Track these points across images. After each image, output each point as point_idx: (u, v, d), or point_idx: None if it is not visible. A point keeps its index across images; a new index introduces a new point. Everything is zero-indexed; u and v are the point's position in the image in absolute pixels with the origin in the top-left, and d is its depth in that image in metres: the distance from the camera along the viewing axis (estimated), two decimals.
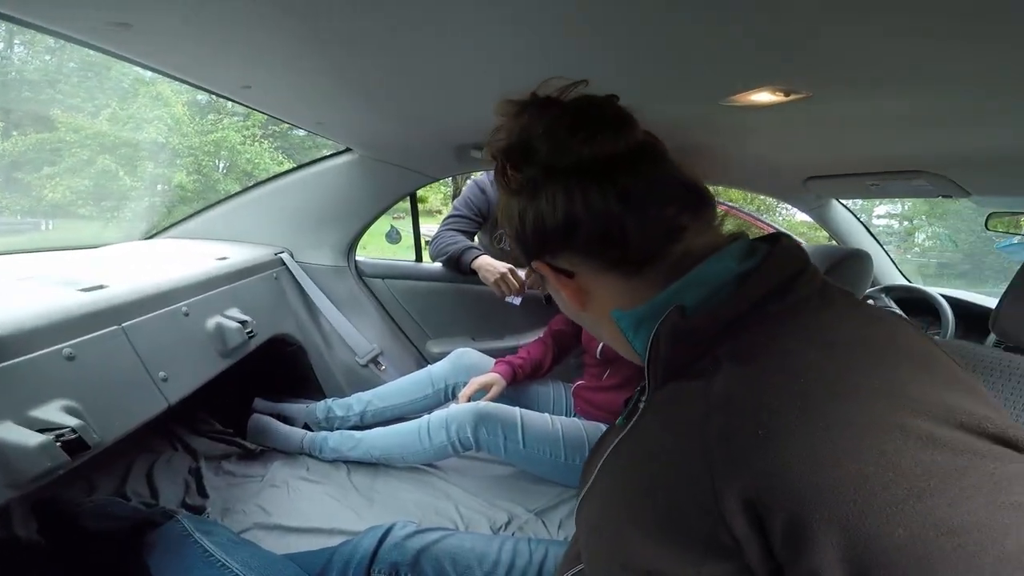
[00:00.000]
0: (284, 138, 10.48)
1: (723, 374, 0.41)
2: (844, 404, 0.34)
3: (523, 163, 0.51)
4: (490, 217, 2.15)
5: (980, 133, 1.00)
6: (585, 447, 1.37)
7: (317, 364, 1.84)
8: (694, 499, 0.38)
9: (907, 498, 0.30)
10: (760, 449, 0.35)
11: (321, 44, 0.79)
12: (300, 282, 1.81)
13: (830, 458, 0.32)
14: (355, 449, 1.47)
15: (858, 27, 0.61)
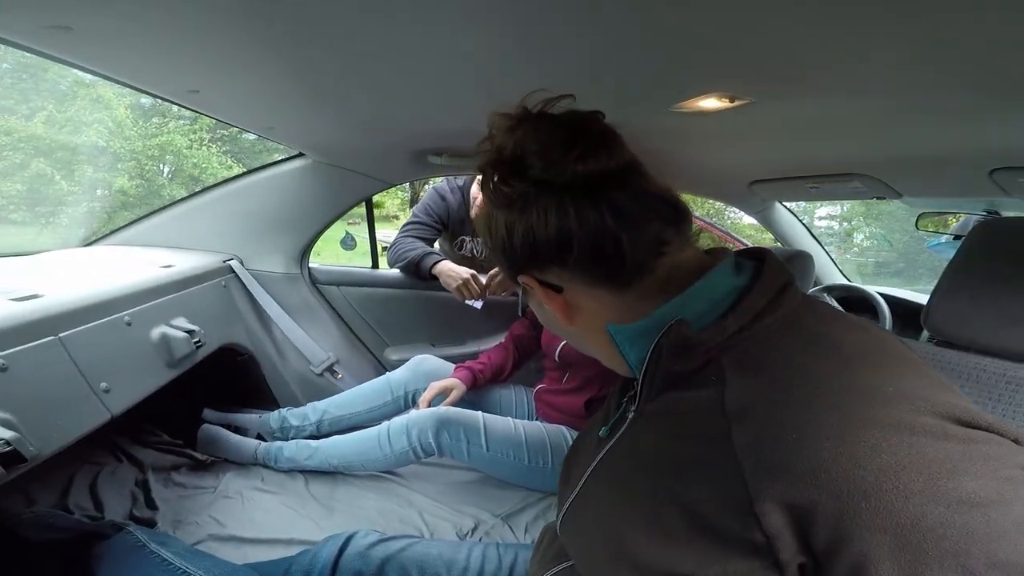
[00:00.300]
0: (234, 142, 10.17)
1: (734, 385, 0.43)
2: (870, 408, 0.38)
3: (515, 177, 0.52)
4: (450, 224, 2.16)
5: (907, 137, 1.06)
6: (548, 450, 1.38)
7: (270, 373, 1.80)
8: (724, 504, 0.39)
9: (938, 478, 0.34)
10: (796, 453, 0.37)
11: (273, 48, 0.78)
12: (251, 290, 1.77)
13: (867, 454, 0.35)
14: (312, 458, 1.44)
15: (794, 35, 0.64)
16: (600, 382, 1.39)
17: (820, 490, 0.35)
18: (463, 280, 1.83)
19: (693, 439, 0.44)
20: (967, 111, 0.86)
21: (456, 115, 1.21)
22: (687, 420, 0.46)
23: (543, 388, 1.57)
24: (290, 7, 0.63)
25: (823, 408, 0.38)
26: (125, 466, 1.41)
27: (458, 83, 0.94)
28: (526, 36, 0.72)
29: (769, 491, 0.37)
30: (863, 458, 0.35)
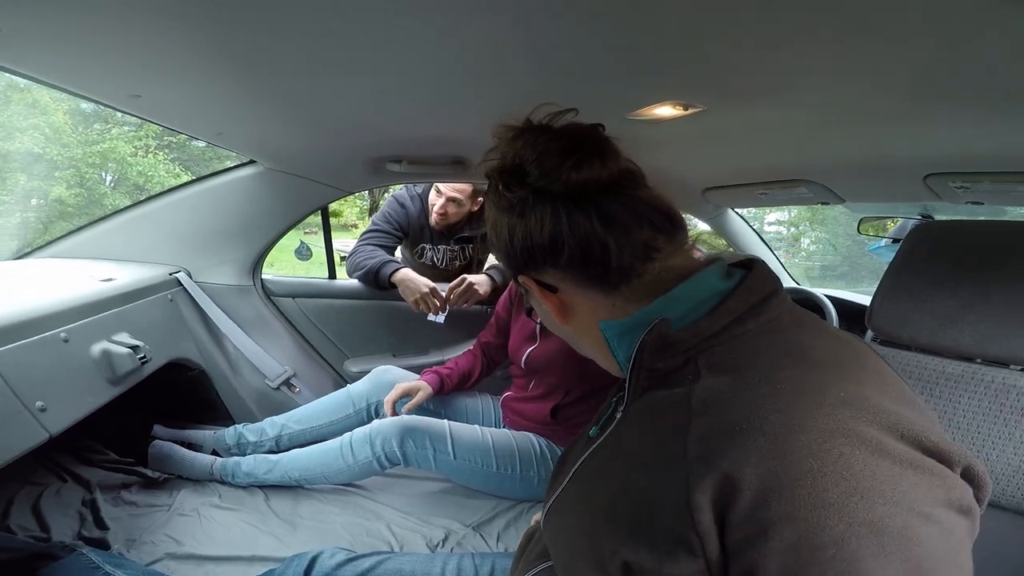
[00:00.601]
0: (182, 149, 9.82)
1: (703, 382, 0.45)
2: (813, 410, 0.39)
3: (515, 184, 0.55)
4: (410, 232, 2.13)
5: (848, 144, 1.11)
6: (516, 456, 1.37)
7: (223, 389, 1.73)
8: (670, 499, 0.40)
9: (852, 495, 0.35)
10: (736, 444, 0.38)
11: (220, 52, 0.75)
12: (200, 303, 1.70)
13: (796, 453, 0.37)
14: (271, 472, 1.39)
15: (742, 46, 0.66)
16: (564, 389, 1.39)
17: (745, 482, 0.37)
18: (421, 294, 1.81)
19: (663, 434, 0.45)
20: (902, 119, 0.91)
21: (414, 123, 1.20)
22: (661, 417, 0.47)
23: (510, 396, 1.56)
24: (236, 11, 0.61)
25: (771, 409, 0.39)
26: (70, 485, 1.35)
27: (416, 90, 0.93)
28: (482, 46, 0.71)
29: (703, 482, 0.38)
30: (792, 456, 0.37)
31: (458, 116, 1.14)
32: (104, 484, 1.37)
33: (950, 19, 0.54)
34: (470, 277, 1.88)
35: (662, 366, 0.50)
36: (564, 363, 1.36)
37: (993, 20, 0.52)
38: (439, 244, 2.17)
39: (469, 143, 1.42)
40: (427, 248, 2.17)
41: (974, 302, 0.85)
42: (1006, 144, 0.98)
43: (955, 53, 0.62)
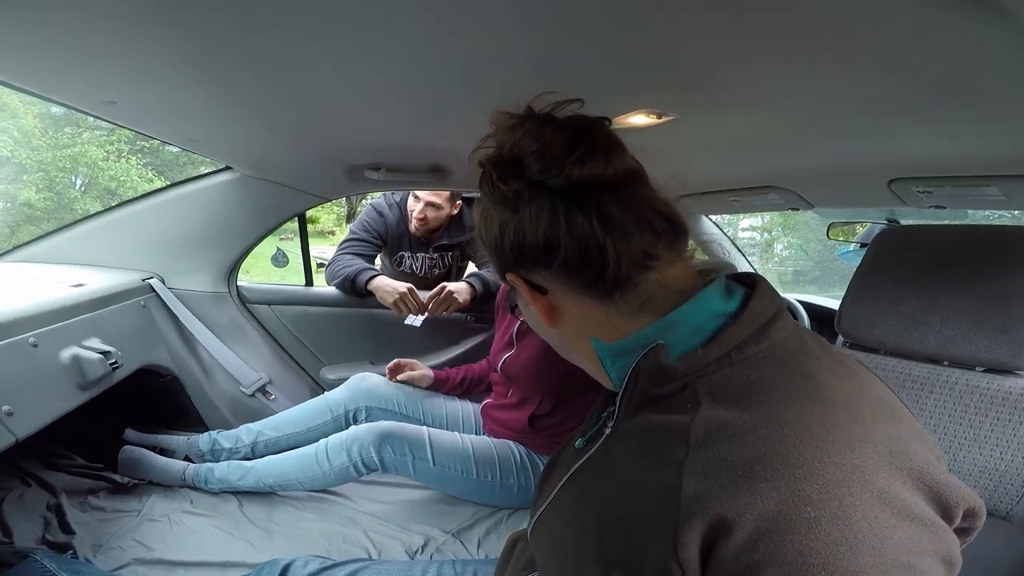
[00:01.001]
0: (156, 154, 9.65)
1: (704, 414, 0.43)
2: (822, 459, 0.38)
3: (511, 176, 0.51)
4: (389, 240, 2.13)
5: (817, 150, 1.13)
6: (496, 464, 1.37)
7: (196, 395, 1.71)
8: (657, 530, 0.39)
9: (841, 545, 0.35)
10: (736, 489, 0.37)
11: (195, 59, 0.75)
12: (173, 310, 1.67)
13: (796, 503, 0.36)
14: (245, 478, 1.37)
15: (712, 56, 0.68)
16: (540, 398, 1.39)
17: (741, 526, 0.36)
18: (399, 295, 1.81)
19: (653, 460, 0.44)
20: (867, 126, 0.93)
21: (392, 130, 1.20)
22: (654, 442, 0.45)
23: (489, 403, 1.56)
24: (211, 17, 0.61)
25: (776, 455, 0.38)
26: (34, 490, 1.33)
27: (393, 98, 0.94)
28: (459, 55, 0.72)
29: (694, 520, 0.38)
30: (790, 507, 0.36)
31: (436, 124, 1.14)
32: (70, 489, 1.35)
33: (907, 29, 0.55)
34: (449, 285, 1.89)
35: (656, 392, 0.48)
36: (540, 371, 1.35)
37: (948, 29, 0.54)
38: (418, 252, 2.17)
39: (448, 151, 1.43)
40: (406, 256, 2.17)
41: (938, 304, 0.87)
42: (964, 149, 1.01)
43: (914, 61, 0.64)
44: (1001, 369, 0.78)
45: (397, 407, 1.58)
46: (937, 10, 0.49)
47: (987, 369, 0.79)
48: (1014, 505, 0.72)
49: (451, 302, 1.87)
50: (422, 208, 2.02)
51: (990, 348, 0.76)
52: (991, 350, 0.76)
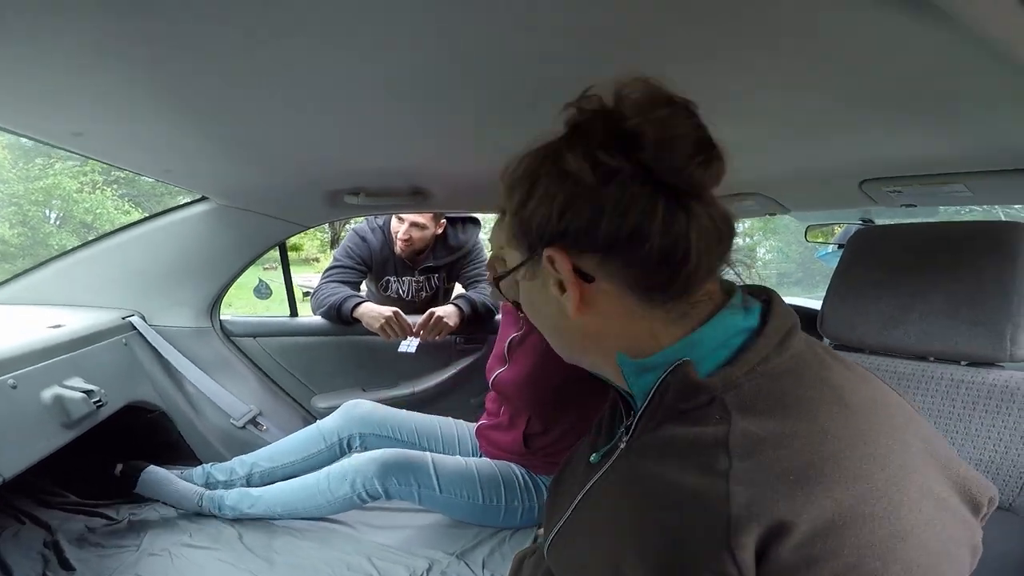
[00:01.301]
0: (132, 185, 9.52)
1: (739, 426, 0.43)
2: (868, 461, 0.40)
3: (619, 151, 0.46)
4: (374, 265, 2.11)
5: (790, 155, 1.15)
6: (500, 486, 1.35)
7: (186, 429, 1.69)
8: (707, 538, 0.40)
9: (895, 537, 0.37)
10: (791, 492, 0.39)
11: (162, 89, 0.74)
12: (156, 347, 1.65)
13: (851, 501, 0.38)
14: (255, 506, 1.39)
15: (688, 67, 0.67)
16: (529, 417, 1.38)
17: (795, 530, 0.37)
18: (386, 319, 1.79)
19: (691, 472, 0.44)
20: (836, 129, 0.94)
21: (370, 154, 1.19)
22: (685, 454, 0.46)
23: (484, 424, 1.54)
24: (179, 46, 0.60)
25: (826, 459, 0.40)
26: (28, 527, 1.34)
27: (370, 121, 0.93)
28: (436, 76, 0.72)
29: (750, 525, 0.38)
30: (845, 506, 0.38)
31: (415, 147, 1.14)
32: (65, 526, 1.35)
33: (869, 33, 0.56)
34: (438, 310, 1.87)
35: (684, 406, 0.48)
36: (530, 388, 1.33)
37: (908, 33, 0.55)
38: (404, 276, 2.15)
39: (428, 173, 1.42)
40: (392, 280, 2.15)
41: (915, 301, 0.88)
42: (930, 148, 1.03)
43: (878, 65, 0.65)
44: (983, 362, 0.78)
45: (391, 432, 1.56)
46: (896, 14, 0.50)
47: (970, 363, 0.80)
48: (1016, 496, 0.72)
49: (442, 327, 1.85)
50: (407, 229, 2.00)
51: (969, 342, 0.77)
52: (970, 343, 0.77)
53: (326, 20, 0.54)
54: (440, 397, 2.02)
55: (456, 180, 1.49)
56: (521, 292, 0.57)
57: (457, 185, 1.54)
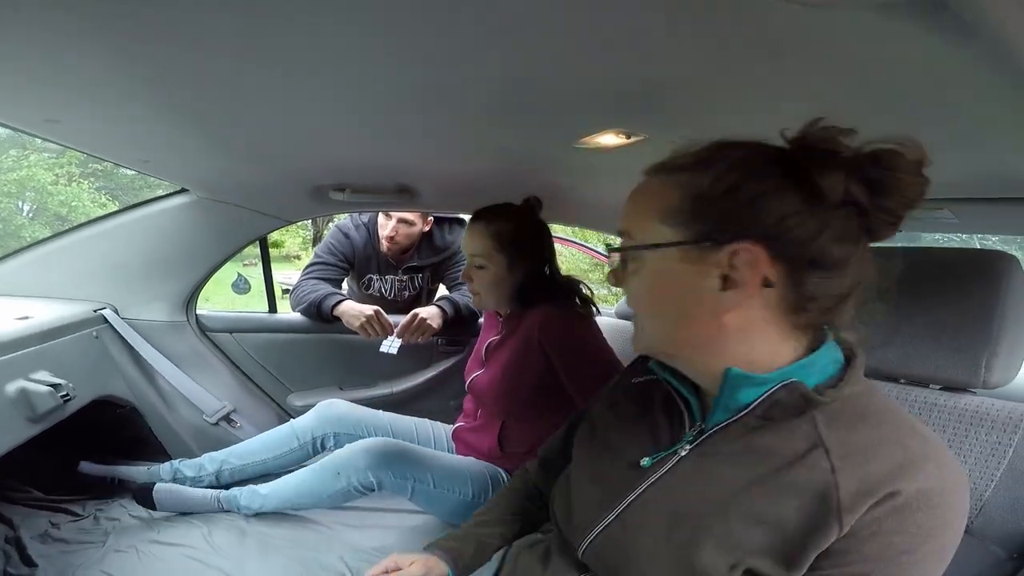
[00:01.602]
0: (110, 177, 9.34)
1: (834, 435, 0.53)
2: (941, 457, 0.52)
3: (868, 188, 0.51)
4: (356, 263, 2.08)
5: None
6: (488, 486, 1.33)
7: (156, 425, 1.65)
8: (815, 513, 0.50)
9: (958, 497, 0.52)
10: (895, 477, 0.49)
11: (141, 77, 0.72)
12: (129, 341, 1.60)
13: (938, 483, 0.50)
14: (265, 506, 1.38)
15: (677, 77, 0.69)
16: (502, 420, 1.37)
17: (900, 496, 0.48)
18: (367, 317, 1.77)
19: (787, 472, 0.53)
20: None
21: (357, 150, 1.18)
22: (778, 459, 0.54)
23: (461, 426, 1.52)
24: (160, 33, 0.58)
25: (916, 457, 0.50)
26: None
27: (358, 117, 0.92)
28: (426, 73, 0.71)
29: (861, 500, 0.49)
30: (934, 483, 0.49)
31: (403, 144, 1.12)
32: (28, 522, 1.33)
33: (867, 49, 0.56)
34: (421, 311, 1.85)
35: (777, 416, 0.55)
36: (504, 391, 1.32)
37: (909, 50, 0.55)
38: (387, 275, 2.13)
39: (415, 171, 1.41)
40: (375, 279, 2.12)
41: (900, 324, 0.89)
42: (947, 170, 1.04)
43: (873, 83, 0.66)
44: (956, 388, 0.79)
45: (367, 433, 1.53)
46: (899, 29, 0.50)
47: (943, 387, 0.81)
48: (974, 518, 0.73)
49: (425, 329, 1.83)
50: (394, 226, 1.98)
51: (947, 367, 0.77)
52: (948, 369, 0.77)
53: (315, 10, 0.53)
54: (419, 398, 2.00)
55: (444, 180, 1.48)
56: (647, 266, 0.59)
57: (445, 185, 1.52)
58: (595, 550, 0.64)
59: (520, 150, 1.13)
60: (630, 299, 0.63)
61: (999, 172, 1.01)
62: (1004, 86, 0.62)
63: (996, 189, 1.11)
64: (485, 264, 1.31)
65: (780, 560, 0.51)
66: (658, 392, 0.68)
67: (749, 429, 0.57)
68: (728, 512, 0.54)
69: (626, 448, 0.66)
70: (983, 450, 0.73)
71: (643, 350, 0.65)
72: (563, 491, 0.74)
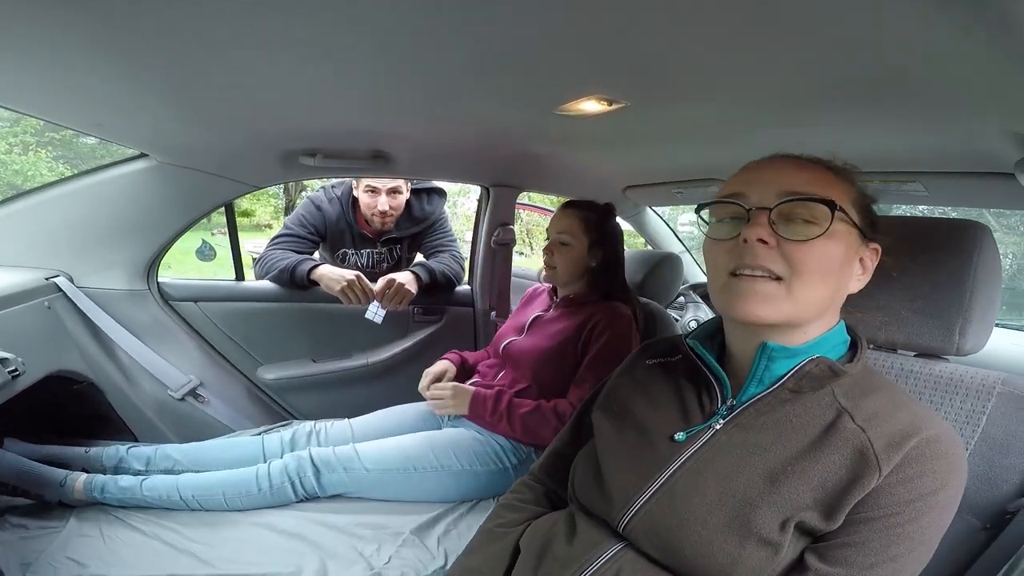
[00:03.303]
0: (69, 146, 8.89)
1: (856, 403, 0.63)
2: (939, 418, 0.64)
3: None
4: (329, 236, 2.03)
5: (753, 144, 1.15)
6: (451, 452, 1.33)
7: (118, 401, 1.58)
8: (856, 467, 0.58)
9: (960, 446, 0.61)
10: (915, 429, 0.59)
11: (92, 32, 0.67)
12: (84, 310, 1.52)
13: (944, 432, 0.60)
14: (170, 496, 1.23)
15: (662, 43, 0.67)
16: (527, 383, 1.42)
17: (917, 436, 0.58)
18: (348, 282, 1.72)
19: (825, 436, 0.62)
20: (800, 120, 0.97)
21: (329, 113, 1.13)
22: (814, 427, 0.63)
23: (477, 383, 1.51)
24: None
25: (924, 417, 0.61)
26: None
27: (330, 78, 0.88)
28: (401, 33, 0.68)
29: (893, 452, 0.58)
30: (941, 434, 0.60)
31: (378, 107, 1.08)
32: None
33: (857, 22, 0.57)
34: (396, 276, 1.81)
35: (804, 387, 0.65)
36: (537, 361, 1.41)
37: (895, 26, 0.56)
38: (363, 248, 2.08)
39: (391, 136, 1.36)
40: (349, 253, 2.07)
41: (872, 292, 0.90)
42: (891, 145, 1.07)
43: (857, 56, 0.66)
44: (931, 354, 0.80)
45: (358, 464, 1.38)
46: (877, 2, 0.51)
47: (918, 354, 0.82)
48: None
49: (404, 294, 1.79)
50: (385, 200, 1.92)
51: (922, 333, 0.78)
52: (923, 335, 0.78)
53: None
54: (396, 369, 1.97)
55: (420, 146, 1.44)
56: (836, 234, 0.63)
57: (421, 151, 1.48)
58: (640, 522, 0.66)
59: (499, 115, 1.10)
60: (800, 262, 0.62)
61: (969, 147, 1.03)
62: (975, 62, 0.63)
63: (965, 163, 1.14)
64: (569, 242, 1.44)
65: (824, 511, 0.58)
66: (679, 372, 0.76)
67: (780, 401, 0.65)
68: (777, 478, 0.61)
69: (654, 425, 0.72)
70: (958, 417, 0.74)
71: (783, 316, 0.63)
72: (587, 469, 0.78)
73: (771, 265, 0.62)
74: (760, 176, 0.66)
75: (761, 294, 0.62)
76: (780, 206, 0.62)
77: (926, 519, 0.57)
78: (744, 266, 0.63)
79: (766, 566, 0.59)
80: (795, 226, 0.62)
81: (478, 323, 2.10)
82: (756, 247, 0.62)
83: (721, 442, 0.66)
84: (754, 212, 0.63)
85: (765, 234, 0.62)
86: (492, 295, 2.07)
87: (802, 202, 0.62)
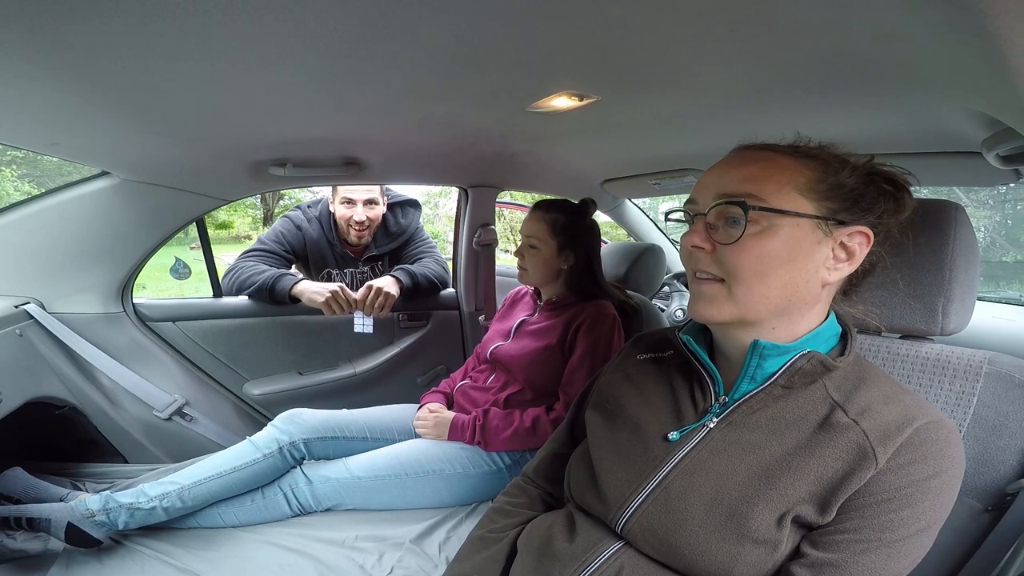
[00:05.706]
0: (33, 164, 8.65)
1: (849, 397, 0.63)
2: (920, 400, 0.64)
3: None
4: (310, 257, 2.00)
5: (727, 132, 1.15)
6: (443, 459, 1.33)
7: (103, 425, 1.55)
8: (854, 461, 0.59)
9: (956, 434, 0.61)
10: (909, 418, 0.60)
11: (42, 48, 0.64)
12: (59, 337, 1.48)
13: (938, 419, 0.61)
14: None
15: (631, 37, 0.67)
16: (519, 386, 1.42)
17: (911, 426, 0.59)
18: (331, 293, 1.70)
19: (819, 432, 0.62)
20: (772, 106, 0.97)
21: (296, 121, 1.10)
22: (808, 422, 0.63)
23: (468, 384, 1.53)
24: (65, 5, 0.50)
25: (916, 404, 0.62)
26: None
27: (295, 85, 0.85)
28: (366, 35, 0.65)
29: (890, 441, 0.58)
30: (934, 422, 0.60)
31: (347, 113, 1.06)
32: None
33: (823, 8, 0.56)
34: (374, 282, 1.79)
35: (796, 383, 0.65)
36: (526, 365, 1.40)
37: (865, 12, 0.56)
38: (347, 268, 2.05)
39: (362, 141, 1.34)
40: (334, 274, 2.05)
41: None
42: (873, 127, 1.07)
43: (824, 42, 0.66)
44: (917, 335, 0.80)
45: (338, 432, 1.40)
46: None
47: (903, 336, 0.82)
48: None
49: (387, 298, 1.77)
50: (362, 211, 1.90)
51: (905, 315, 0.78)
52: (906, 317, 0.78)
53: None
54: (384, 377, 1.96)
55: (393, 150, 1.41)
56: (777, 230, 0.62)
57: (395, 155, 1.46)
58: (637, 523, 0.67)
59: (471, 115, 1.08)
60: (732, 264, 0.63)
61: (937, 128, 1.04)
62: (938, 44, 0.64)
63: (935, 144, 1.15)
64: (537, 245, 1.43)
65: (819, 504, 0.59)
66: (671, 369, 0.76)
67: (773, 398, 0.66)
68: (773, 475, 0.61)
69: (648, 424, 0.72)
70: (948, 399, 0.74)
71: (728, 317, 0.65)
72: (582, 469, 0.78)
73: (709, 268, 0.64)
74: (707, 180, 0.67)
75: (707, 296, 0.65)
76: (712, 210, 0.64)
77: (922, 505, 0.57)
78: (695, 269, 0.66)
79: (766, 562, 0.59)
80: (727, 228, 0.63)
81: (465, 326, 2.08)
82: (696, 252, 0.65)
83: (715, 441, 0.66)
84: (697, 218, 0.66)
85: (699, 240, 0.64)
86: (477, 297, 2.05)
87: (724, 205, 0.63)
